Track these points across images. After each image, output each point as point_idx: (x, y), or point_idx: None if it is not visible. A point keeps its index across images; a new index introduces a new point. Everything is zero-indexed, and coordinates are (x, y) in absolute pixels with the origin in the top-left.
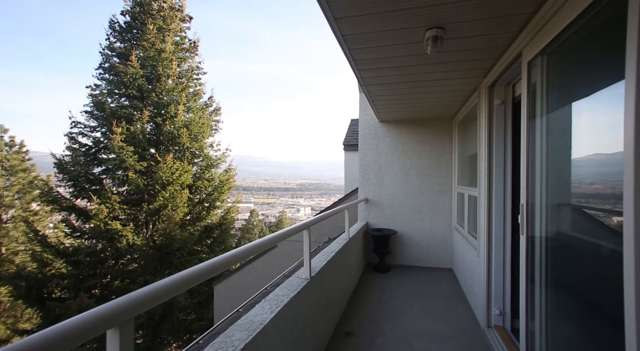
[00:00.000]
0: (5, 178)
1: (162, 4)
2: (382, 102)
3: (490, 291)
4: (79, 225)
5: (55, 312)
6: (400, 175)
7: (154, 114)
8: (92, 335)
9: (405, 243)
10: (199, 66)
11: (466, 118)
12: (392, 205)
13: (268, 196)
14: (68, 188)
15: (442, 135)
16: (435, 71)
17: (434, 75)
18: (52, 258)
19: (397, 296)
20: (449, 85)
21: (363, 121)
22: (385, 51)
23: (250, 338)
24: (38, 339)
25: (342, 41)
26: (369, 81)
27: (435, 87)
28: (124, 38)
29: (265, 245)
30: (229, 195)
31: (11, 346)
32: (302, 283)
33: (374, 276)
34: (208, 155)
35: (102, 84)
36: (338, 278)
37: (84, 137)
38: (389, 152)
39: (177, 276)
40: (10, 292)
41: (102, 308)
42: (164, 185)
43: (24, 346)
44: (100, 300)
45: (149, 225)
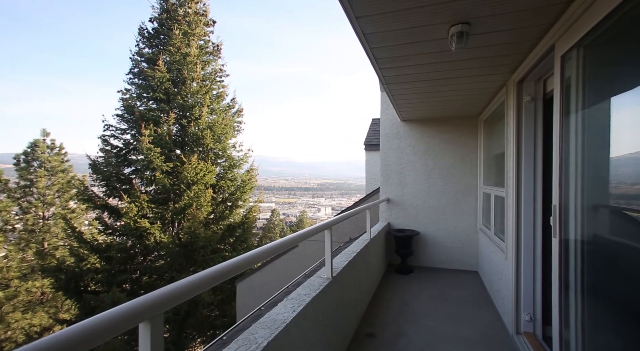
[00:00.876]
0: (47, 178)
1: (187, 10)
2: (404, 101)
3: (519, 295)
4: (111, 222)
5: (91, 304)
6: (423, 175)
7: (180, 116)
8: (127, 328)
9: (428, 244)
10: (222, 68)
11: (492, 116)
12: (414, 206)
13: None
14: (101, 188)
15: (466, 134)
16: (459, 68)
17: (459, 72)
18: (87, 253)
19: (419, 299)
20: (475, 82)
21: (384, 120)
22: (407, 49)
23: (273, 336)
24: (82, 328)
25: (363, 40)
26: (390, 80)
27: (459, 84)
28: (152, 44)
29: (287, 244)
30: (250, 194)
31: (58, 333)
32: (323, 283)
33: (396, 278)
34: (231, 155)
35: (132, 88)
36: (359, 278)
37: (116, 139)
38: (411, 152)
39: (204, 274)
40: (52, 284)
41: (135, 302)
42: (189, 185)
43: (70, 335)
44: (130, 294)
45: (175, 224)
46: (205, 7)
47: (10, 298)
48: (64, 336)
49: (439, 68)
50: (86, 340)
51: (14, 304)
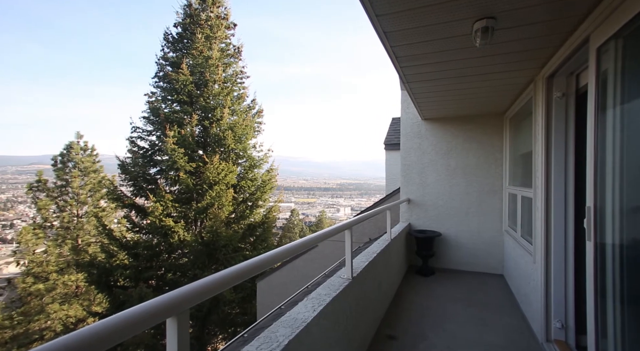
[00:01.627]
0: (80, 178)
1: (209, 14)
2: (425, 99)
3: (549, 301)
4: (138, 220)
5: (120, 298)
6: (445, 175)
7: (202, 118)
8: (156, 322)
9: (451, 245)
10: (242, 70)
11: (519, 114)
12: (436, 206)
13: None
14: (129, 187)
15: (491, 133)
16: (484, 65)
17: (483, 68)
18: (117, 250)
19: (441, 301)
20: (500, 78)
21: (405, 119)
22: (429, 46)
23: (293, 334)
24: (116, 320)
25: (384, 38)
26: (411, 78)
27: (484, 81)
28: (176, 48)
29: (307, 244)
30: (270, 194)
31: (96, 324)
32: (344, 283)
33: (417, 279)
34: (251, 155)
35: (157, 91)
36: (380, 279)
37: (142, 140)
38: (433, 151)
39: (227, 272)
40: (85, 278)
41: (163, 298)
42: (211, 185)
43: (106, 326)
44: (155, 290)
45: (198, 222)
46: (226, 11)
47: (50, 290)
48: (101, 327)
49: (462, 65)
50: (120, 332)
51: (52, 296)
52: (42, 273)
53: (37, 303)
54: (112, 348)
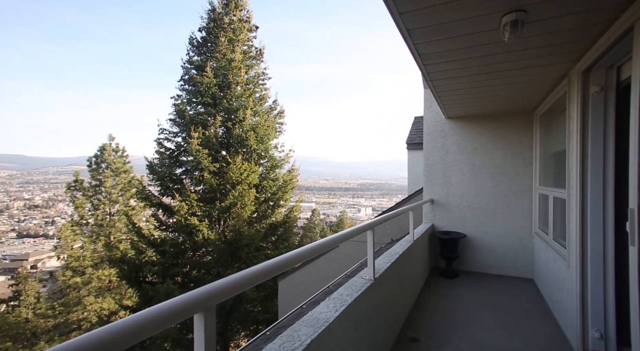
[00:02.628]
0: (112, 178)
1: (232, 18)
2: (449, 98)
3: (586, 309)
4: (164, 219)
5: (149, 294)
6: (470, 175)
7: (225, 119)
8: (184, 317)
9: (476, 247)
10: (264, 72)
11: (551, 110)
12: (460, 207)
13: (329, 196)
14: (156, 187)
15: (519, 131)
16: (513, 60)
17: (512, 64)
18: (145, 247)
19: (466, 305)
20: (530, 74)
21: (428, 118)
22: (453, 43)
23: (316, 334)
24: (148, 315)
25: (407, 36)
26: (435, 76)
27: (512, 77)
28: (200, 52)
29: (330, 244)
30: (292, 194)
31: (130, 318)
32: (365, 284)
33: (441, 282)
34: (273, 156)
35: (183, 94)
36: (402, 281)
37: (169, 141)
38: (457, 151)
39: (252, 270)
40: (117, 273)
41: (191, 294)
42: (234, 185)
43: (139, 320)
44: (181, 286)
45: (221, 222)
46: (248, 14)
47: (86, 283)
48: (136, 320)
49: (489, 61)
50: (153, 325)
51: (88, 289)
52: (79, 267)
53: (75, 295)
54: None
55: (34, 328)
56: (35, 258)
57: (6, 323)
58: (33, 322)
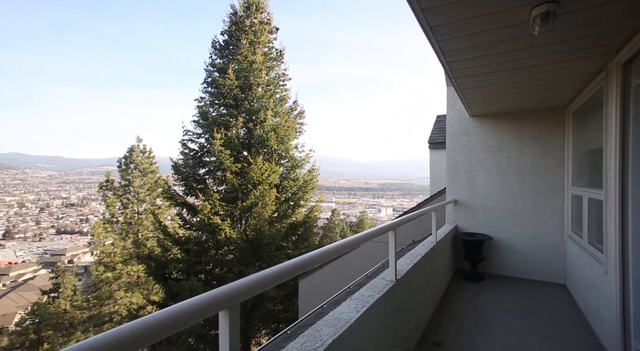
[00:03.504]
0: (140, 178)
1: (253, 20)
2: (474, 95)
3: (627, 319)
4: (189, 218)
5: (174, 290)
6: (496, 175)
7: (247, 120)
8: (210, 314)
9: (503, 250)
10: (284, 73)
11: (586, 106)
12: (485, 208)
13: (349, 196)
14: (181, 187)
15: (550, 128)
16: (543, 54)
17: (542, 59)
18: (171, 245)
19: (492, 309)
20: (562, 68)
21: (451, 117)
22: (479, 38)
23: (337, 334)
24: (176, 310)
25: (429, 33)
26: (458, 73)
27: (542, 72)
28: (222, 54)
29: (352, 244)
30: (312, 194)
31: (159, 313)
32: (387, 285)
33: (465, 285)
34: (293, 156)
35: (206, 96)
36: (424, 283)
37: (192, 143)
38: (482, 150)
39: (276, 269)
40: (144, 270)
41: (216, 292)
42: (255, 185)
43: (167, 315)
44: (205, 284)
45: (243, 221)
46: (269, 16)
47: (116, 278)
48: (164, 315)
49: (516, 56)
50: (181, 321)
51: (118, 284)
52: (111, 263)
53: (107, 290)
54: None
55: (71, 319)
56: (71, 253)
57: (48, 313)
58: (70, 313)
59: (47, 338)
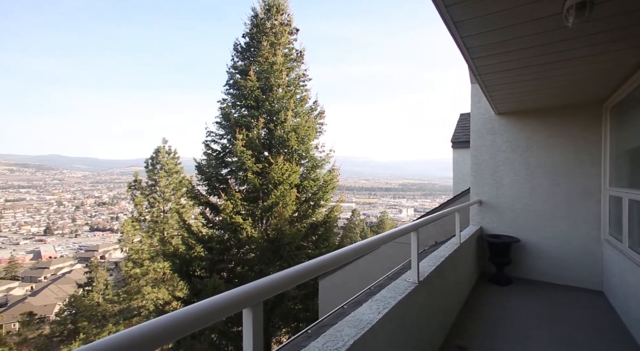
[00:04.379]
0: (165, 178)
1: (274, 22)
2: (500, 92)
3: None
4: (211, 217)
5: (197, 287)
6: (524, 175)
7: (267, 121)
8: (234, 311)
9: (531, 253)
10: (304, 73)
11: (627, 101)
12: (512, 209)
13: (369, 196)
14: (204, 187)
15: (584, 125)
16: (577, 47)
17: (576, 52)
18: (194, 243)
19: (520, 315)
20: (599, 61)
21: (476, 115)
22: (506, 33)
23: (359, 335)
24: (201, 307)
25: (453, 29)
26: (484, 70)
27: (575, 66)
28: (244, 57)
29: (373, 245)
30: (332, 194)
31: (186, 309)
32: (409, 287)
33: (490, 288)
34: (313, 156)
35: (228, 98)
36: (448, 285)
37: (215, 143)
38: (509, 149)
39: (299, 268)
40: (170, 267)
41: (240, 290)
42: (276, 185)
43: (193, 311)
44: (227, 282)
45: (264, 220)
46: (289, 17)
47: (144, 274)
48: (191, 311)
49: (547, 50)
50: (206, 317)
51: (146, 279)
52: (139, 259)
53: (135, 285)
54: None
55: (103, 311)
56: (103, 250)
57: (83, 305)
58: (103, 306)
59: (83, 329)
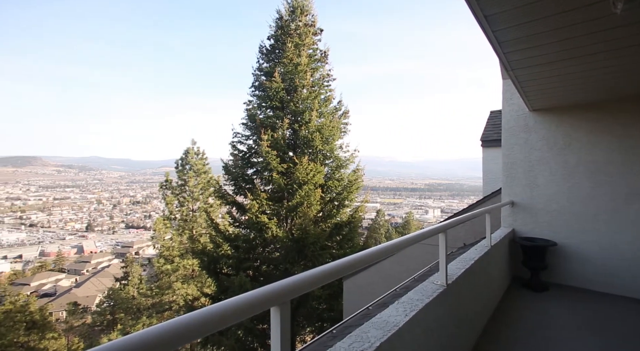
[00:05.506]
0: (194, 178)
1: (298, 23)
2: (535, 88)
3: None
4: (238, 216)
5: (225, 284)
6: (562, 175)
7: (292, 121)
8: (262, 309)
9: (571, 258)
10: (329, 74)
11: None
12: (548, 211)
13: (394, 196)
14: (231, 187)
15: (631, 121)
16: (625, 36)
17: (624, 41)
18: (222, 241)
19: (558, 324)
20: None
21: (508, 112)
22: (542, 25)
23: (385, 337)
24: (232, 304)
25: (484, 23)
26: (517, 64)
27: (623, 57)
28: (269, 58)
29: (401, 246)
30: (357, 194)
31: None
32: (437, 290)
33: (524, 294)
34: (338, 156)
35: (254, 100)
36: (478, 289)
37: (241, 144)
38: (545, 147)
39: (326, 268)
40: (198, 264)
41: (268, 288)
42: (301, 185)
43: (223, 308)
44: (252, 280)
45: (288, 220)
46: (313, 18)
47: (175, 270)
48: (223, 307)
49: (589, 41)
50: (236, 314)
51: (176, 276)
52: (170, 256)
53: (167, 280)
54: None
55: (138, 304)
56: (138, 246)
57: (119, 297)
58: (137, 299)
59: (120, 320)
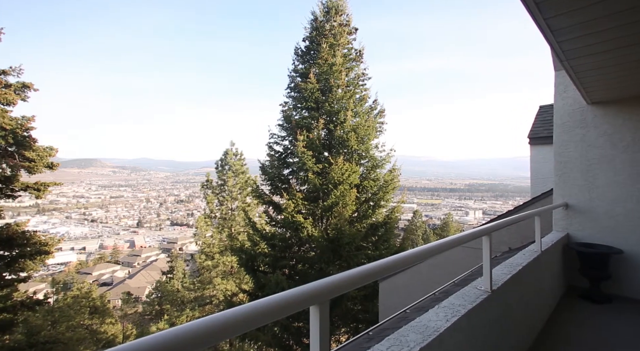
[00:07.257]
0: (233, 178)
1: (333, 24)
2: (594, 78)
3: None
4: (274, 216)
5: (261, 282)
6: (628, 174)
7: (327, 121)
8: (302, 308)
9: (639, 268)
10: (364, 73)
11: None
12: (611, 215)
13: (432, 197)
14: (268, 187)
15: None
16: None
17: None
18: (259, 239)
19: (622, 340)
20: None
21: (561, 106)
22: (601, 8)
23: (425, 342)
24: (272, 301)
25: (535, 10)
26: (572, 54)
27: None
28: (304, 60)
29: (442, 248)
30: (393, 194)
31: (261, 301)
32: (481, 296)
33: (582, 306)
34: (373, 156)
35: (289, 101)
36: (526, 297)
37: (277, 145)
38: (606, 144)
39: (366, 268)
40: (237, 261)
41: (308, 287)
42: (336, 185)
43: (263, 306)
44: (288, 278)
45: (324, 220)
46: (348, 18)
47: (215, 266)
48: (264, 304)
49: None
50: (277, 311)
51: (216, 271)
52: (210, 252)
53: (208, 276)
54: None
55: (182, 297)
56: (181, 243)
57: (166, 290)
58: (181, 292)
59: (166, 311)
